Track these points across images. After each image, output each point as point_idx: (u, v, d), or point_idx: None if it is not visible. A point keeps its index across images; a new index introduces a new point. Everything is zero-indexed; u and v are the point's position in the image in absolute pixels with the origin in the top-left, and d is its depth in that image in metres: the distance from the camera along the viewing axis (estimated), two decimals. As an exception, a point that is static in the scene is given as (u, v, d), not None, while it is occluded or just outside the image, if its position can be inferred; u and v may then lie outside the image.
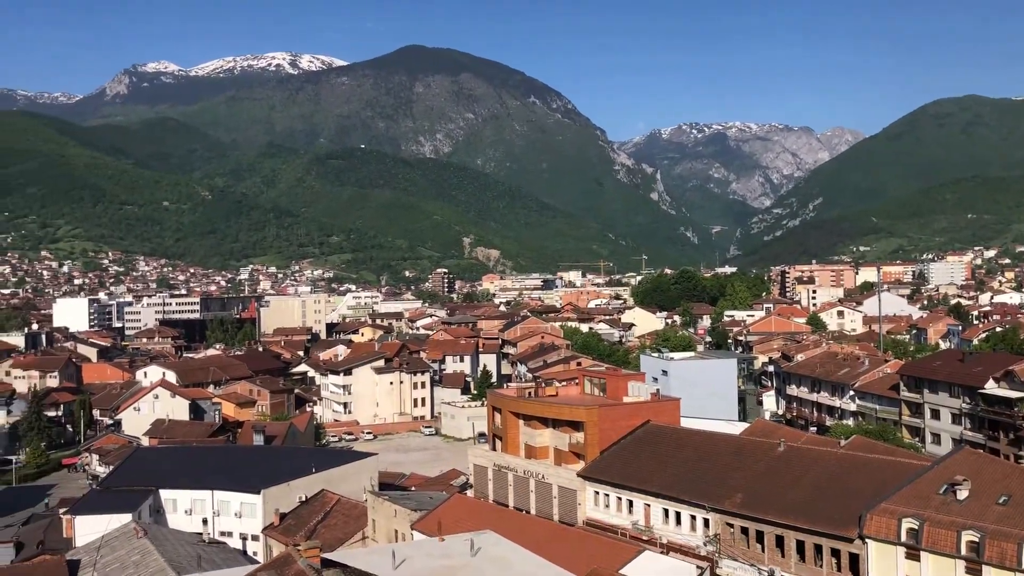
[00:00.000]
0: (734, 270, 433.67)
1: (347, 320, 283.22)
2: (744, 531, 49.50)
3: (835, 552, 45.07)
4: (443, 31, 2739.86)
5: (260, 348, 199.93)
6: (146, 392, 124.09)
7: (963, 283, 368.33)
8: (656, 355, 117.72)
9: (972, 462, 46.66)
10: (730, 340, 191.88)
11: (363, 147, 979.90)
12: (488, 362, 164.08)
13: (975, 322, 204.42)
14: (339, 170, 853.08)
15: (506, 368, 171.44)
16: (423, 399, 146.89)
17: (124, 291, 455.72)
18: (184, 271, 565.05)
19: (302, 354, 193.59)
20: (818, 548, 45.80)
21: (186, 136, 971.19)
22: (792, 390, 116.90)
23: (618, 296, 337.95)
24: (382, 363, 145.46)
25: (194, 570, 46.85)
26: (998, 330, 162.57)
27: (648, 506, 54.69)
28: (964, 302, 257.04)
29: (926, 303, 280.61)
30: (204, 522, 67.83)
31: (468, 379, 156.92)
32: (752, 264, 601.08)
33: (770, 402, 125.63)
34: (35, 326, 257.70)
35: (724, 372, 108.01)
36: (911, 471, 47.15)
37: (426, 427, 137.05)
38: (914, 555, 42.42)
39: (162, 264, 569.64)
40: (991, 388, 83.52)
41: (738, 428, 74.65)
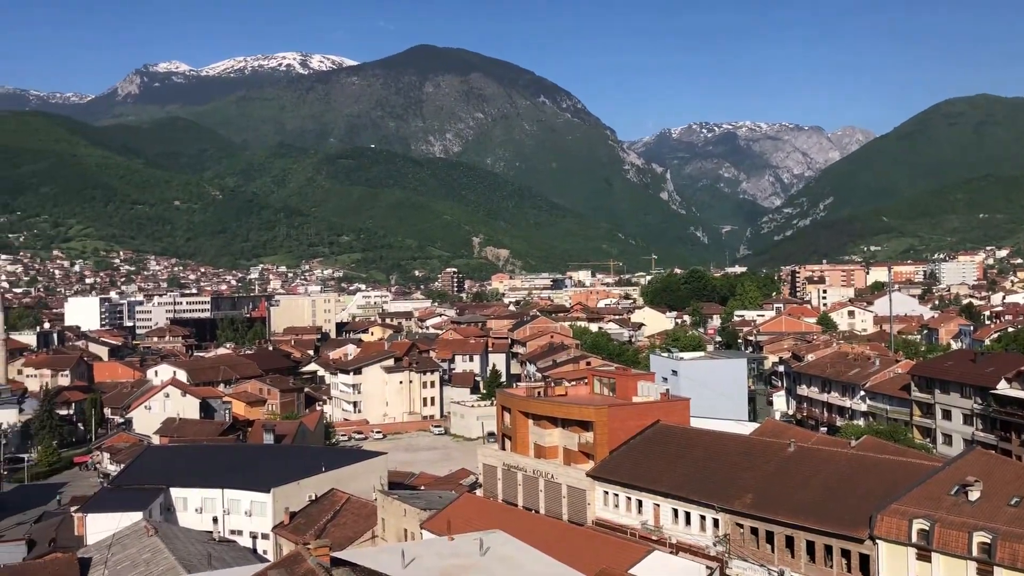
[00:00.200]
0: (744, 270, 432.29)
1: (357, 319, 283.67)
2: (754, 531, 49.37)
3: (845, 553, 44.91)
4: (453, 31, 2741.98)
5: (270, 347, 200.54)
6: (157, 391, 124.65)
7: (975, 283, 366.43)
8: (666, 355, 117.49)
9: (984, 463, 46.41)
10: (740, 340, 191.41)
11: (373, 147, 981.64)
12: (497, 361, 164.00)
13: (987, 322, 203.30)
14: (349, 170, 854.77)
15: (515, 368, 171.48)
16: (432, 398, 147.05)
17: (135, 290, 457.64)
18: (195, 270, 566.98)
19: (312, 353, 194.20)
20: (828, 549, 45.64)
21: (197, 136, 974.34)
22: (802, 390, 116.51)
23: (628, 296, 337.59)
24: (392, 362, 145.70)
25: (204, 568, 46.98)
26: (1010, 330, 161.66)
27: (658, 506, 54.60)
28: (976, 302, 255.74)
29: (937, 303, 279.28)
30: (214, 520, 68.08)
31: (477, 378, 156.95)
32: (762, 264, 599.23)
33: (780, 402, 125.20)
34: (47, 325, 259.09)
35: (734, 372, 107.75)
36: (922, 472, 46.93)
37: (435, 426, 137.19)
38: (925, 556, 42.22)
39: (173, 263, 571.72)
40: (1003, 389, 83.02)
41: (748, 428, 74.42)
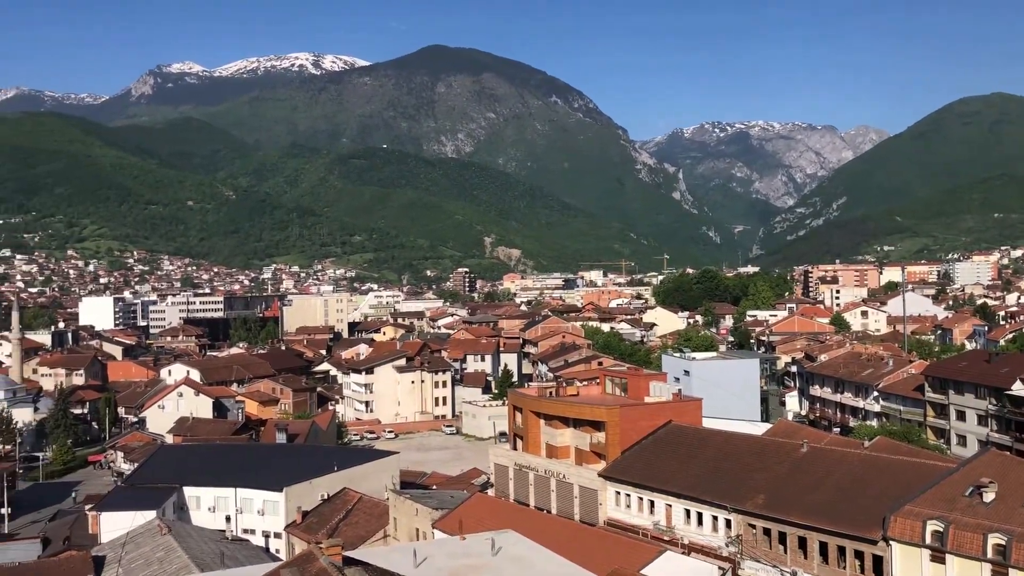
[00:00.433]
0: (757, 270, 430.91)
1: (369, 319, 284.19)
2: (766, 532, 49.22)
3: (858, 554, 44.71)
4: (465, 31, 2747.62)
5: (283, 347, 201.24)
6: (170, 390, 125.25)
7: (989, 283, 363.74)
8: (678, 355, 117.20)
9: (998, 464, 46.10)
10: (752, 340, 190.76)
11: (385, 147, 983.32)
12: (509, 361, 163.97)
13: (1002, 322, 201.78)
14: (361, 170, 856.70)
15: (527, 367, 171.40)
16: (444, 398, 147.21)
17: (149, 290, 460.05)
18: (208, 270, 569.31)
19: (324, 353, 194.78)
20: (841, 550, 45.45)
21: (210, 136, 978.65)
22: (815, 390, 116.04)
23: (639, 296, 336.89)
24: (403, 362, 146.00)
25: (217, 567, 47.17)
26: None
27: (670, 506, 54.49)
28: (990, 302, 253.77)
29: (951, 303, 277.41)
30: (227, 519, 68.36)
31: (489, 378, 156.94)
32: (775, 264, 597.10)
33: (793, 403, 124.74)
34: (61, 324, 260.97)
35: (746, 372, 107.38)
36: (936, 473, 46.68)
37: (447, 426, 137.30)
38: (939, 558, 41.98)
39: (186, 263, 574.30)
40: (1018, 389, 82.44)
41: (760, 429, 74.19)
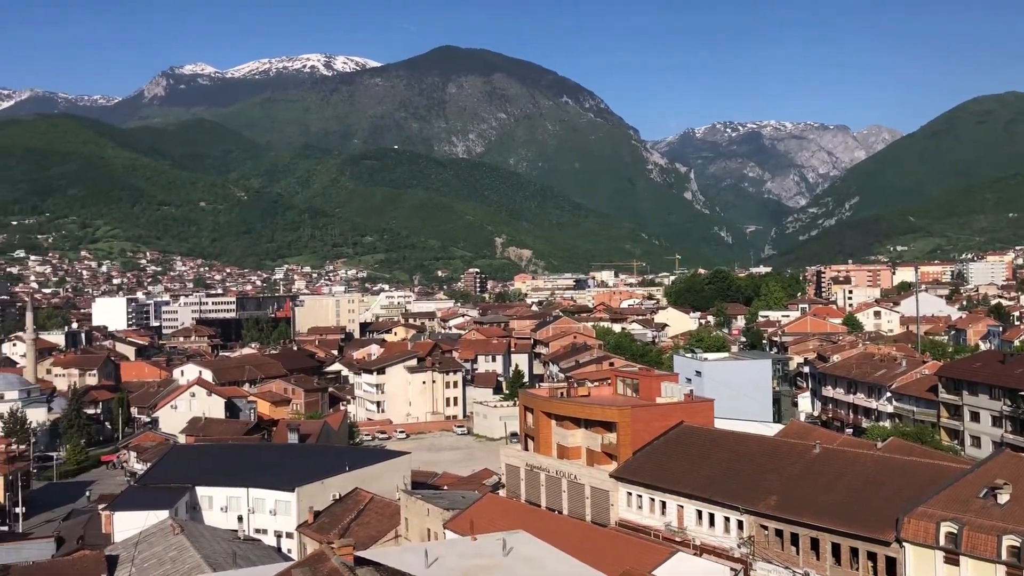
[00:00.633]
0: (769, 270, 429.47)
1: (380, 320, 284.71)
2: (779, 533, 49.03)
3: (871, 556, 44.49)
4: (476, 32, 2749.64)
5: (295, 347, 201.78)
6: (183, 390, 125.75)
7: (1004, 283, 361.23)
8: (690, 356, 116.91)
9: (1013, 465, 45.77)
10: (765, 341, 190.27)
11: (396, 148, 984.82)
12: (520, 362, 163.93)
13: (1016, 323, 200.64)
14: (373, 171, 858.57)
15: (538, 368, 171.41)
16: (455, 398, 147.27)
17: (161, 290, 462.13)
18: (220, 271, 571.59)
19: (336, 353, 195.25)
20: (854, 551, 45.23)
21: (222, 137, 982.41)
22: (828, 391, 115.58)
23: (651, 296, 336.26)
24: (415, 362, 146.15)
25: (229, 567, 47.31)
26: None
27: (681, 507, 54.36)
28: (1005, 302, 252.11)
29: (965, 303, 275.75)
30: (239, 519, 68.59)
31: (500, 379, 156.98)
32: (787, 264, 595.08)
33: (805, 403, 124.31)
34: (75, 325, 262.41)
35: (759, 373, 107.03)
36: (950, 474, 46.40)
37: (458, 426, 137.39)
38: (953, 560, 41.72)
39: (199, 264, 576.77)
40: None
41: (773, 429, 73.90)
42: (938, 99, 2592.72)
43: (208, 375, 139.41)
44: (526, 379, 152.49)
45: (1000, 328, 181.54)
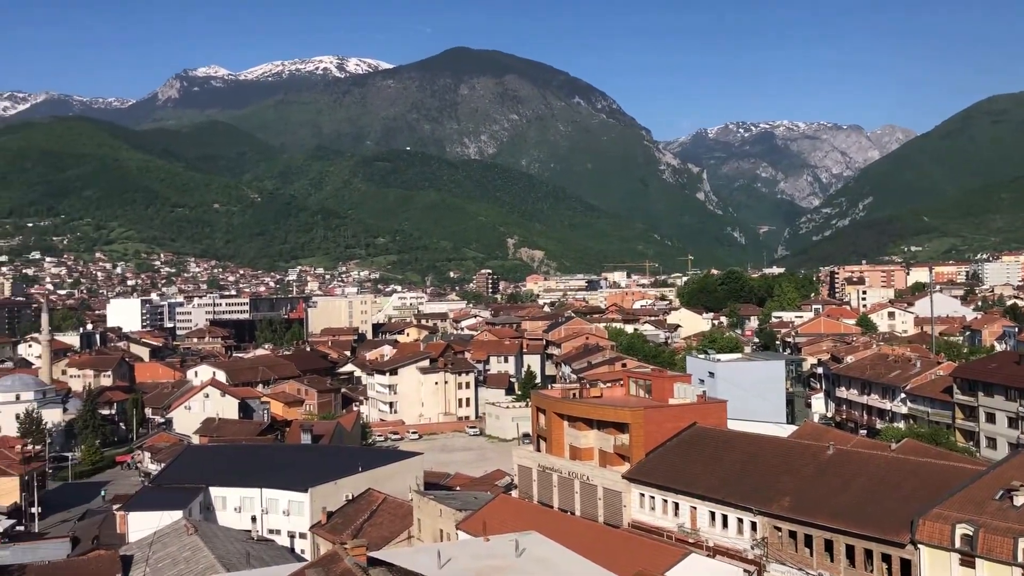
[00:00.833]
0: (782, 270, 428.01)
1: (393, 320, 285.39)
2: (792, 535, 48.82)
3: (886, 557, 44.22)
4: (488, 33, 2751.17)
5: (308, 348, 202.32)
6: (197, 391, 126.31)
7: (1019, 283, 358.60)
8: (702, 356, 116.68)
9: (1029, 467, 45.43)
10: (778, 341, 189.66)
11: (408, 149, 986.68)
12: (532, 363, 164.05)
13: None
14: (385, 172, 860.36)
15: (550, 369, 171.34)
16: (467, 399, 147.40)
17: (175, 292, 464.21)
18: (234, 272, 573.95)
19: (349, 354, 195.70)
20: (868, 553, 44.97)
21: (236, 139, 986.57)
22: (841, 392, 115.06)
23: (664, 297, 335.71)
24: (427, 363, 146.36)
25: (243, 567, 47.49)
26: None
27: (694, 509, 54.22)
28: (1021, 303, 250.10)
29: (980, 304, 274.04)
30: (253, 520, 68.81)
31: (512, 380, 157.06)
32: (800, 264, 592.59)
33: (819, 404, 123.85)
34: (90, 326, 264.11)
35: (772, 374, 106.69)
36: (965, 476, 46.08)
37: (471, 427, 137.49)
38: (969, 562, 41.43)
39: (212, 265, 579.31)
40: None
41: (786, 431, 73.60)
42: (953, 98, 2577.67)
43: (222, 376, 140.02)
44: (538, 380, 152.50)
45: (1016, 329, 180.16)
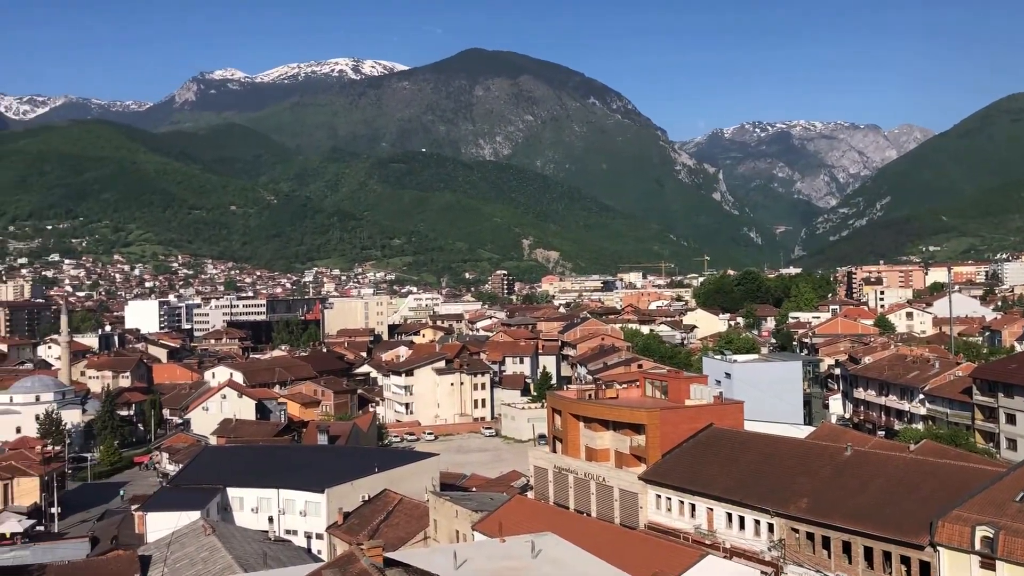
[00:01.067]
0: (799, 271, 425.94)
1: (408, 321, 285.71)
2: (810, 536, 48.56)
3: (905, 560, 43.90)
4: (502, 34, 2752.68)
5: (324, 349, 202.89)
6: (214, 392, 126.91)
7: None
8: (719, 357, 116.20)
9: (1050, 469, 45.02)
10: (795, 342, 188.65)
11: (424, 151, 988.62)
12: (548, 364, 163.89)
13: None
14: (400, 174, 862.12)
15: (566, 370, 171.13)
16: (483, 400, 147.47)
17: (193, 293, 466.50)
18: (251, 274, 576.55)
19: (365, 355, 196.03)
20: (887, 555, 44.67)
21: (252, 141, 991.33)
22: (859, 393, 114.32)
23: (680, 298, 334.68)
24: (443, 364, 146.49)
25: (260, 567, 47.65)
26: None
27: (711, 510, 54.04)
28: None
29: (1000, 304, 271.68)
30: (270, 520, 69.04)
31: (528, 381, 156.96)
32: (817, 265, 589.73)
33: (836, 405, 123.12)
34: (108, 328, 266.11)
35: (789, 374, 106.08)
36: (985, 477, 45.68)
37: (486, 428, 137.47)
38: (989, 564, 41.07)
39: (229, 267, 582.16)
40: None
41: (803, 432, 73.19)
42: (971, 97, 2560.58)
43: (239, 377, 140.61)
44: (554, 381, 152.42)
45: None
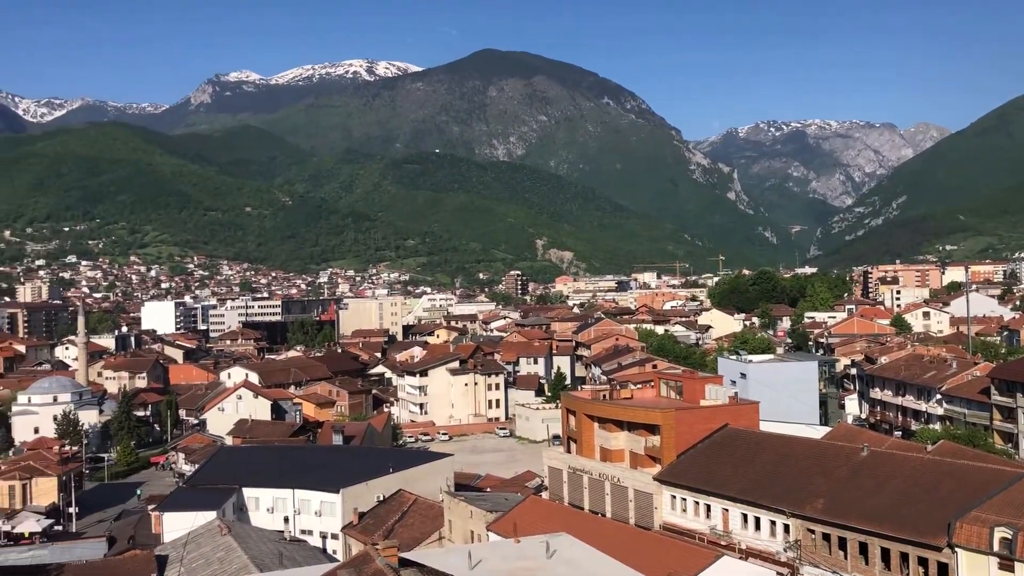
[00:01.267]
0: (814, 270, 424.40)
1: (423, 322, 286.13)
2: (826, 537, 48.31)
3: (922, 561, 43.61)
4: (516, 34, 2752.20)
5: (339, 350, 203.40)
6: (230, 393, 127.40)
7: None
8: (734, 357, 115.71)
9: (1070, 469, 44.64)
10: (811, 342, 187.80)
11: (437, 151, 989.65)
12: (562, 364, 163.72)
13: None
14: (414, 174, 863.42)
15: (580, 370, 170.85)
16: (497, 400, 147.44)
17: (209, 294, 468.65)
18: (266, 275, 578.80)
19: (379, 355, 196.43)
20: (904, 556, 44.37)
21: (267, 143, 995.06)
22: (875, 393, 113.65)
23: (694, 298, 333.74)
24: (457, 364, 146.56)
25: (276, 567, 47.73)
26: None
27: (726, 511, 53.83)
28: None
29: (1018, 303, 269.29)
30: (285, 520, 69.29)
31: (542, 381, 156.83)
32: (833, 264, 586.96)
33: (852, 406, 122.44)
34: (125, 329, 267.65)
35: (805, 375, 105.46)
36: (1004, 478, 45.32)
37: (500, 429, 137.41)
38: (1008, 566, 40.74)
39: (245, 268, 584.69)
40: (1090, 392, 79.78)
41: (819, 432, 72.83)
42: (988, 96, 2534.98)
43: (254, 378, 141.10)
44: (568, 381, 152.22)
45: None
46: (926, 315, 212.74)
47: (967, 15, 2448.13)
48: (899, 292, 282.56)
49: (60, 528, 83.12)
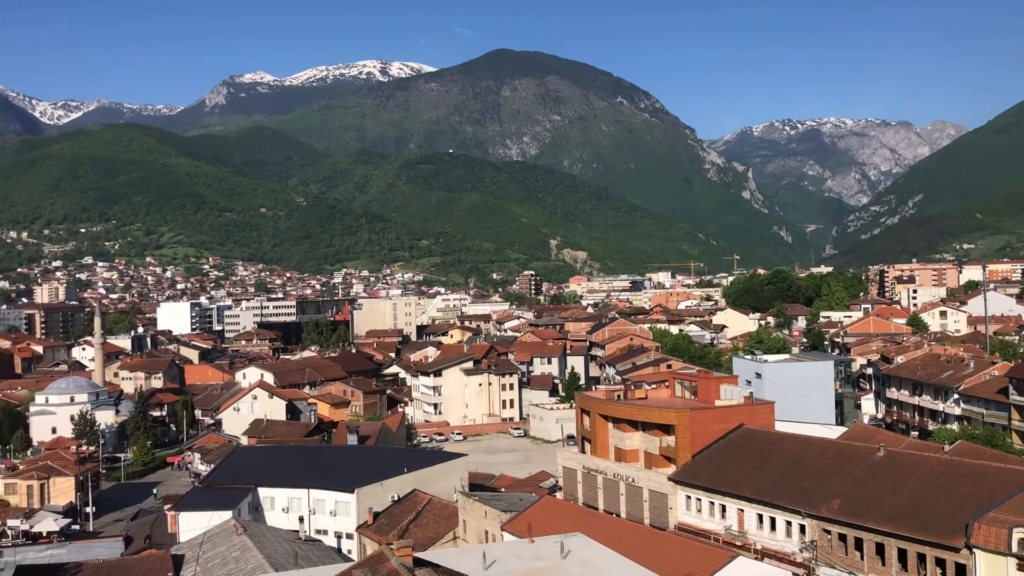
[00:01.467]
0: (830, 270, 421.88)
1: (436, 322, 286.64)
2: (842, 538, 48.03)
3: (940, 562, 43.27)
4: (530, 34, 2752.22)
5: (353, 350, 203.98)
6: (245, 393, 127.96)
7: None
8: (749, 357, 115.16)
9: (1089, 470, 44.19)
10: (826, 342, 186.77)
11: (451, 152, 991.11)
12: (576, 364, 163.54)
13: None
14: (428, 175, 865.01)
15: (594, 370, 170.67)
16: (511, 401, 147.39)
17: (224, 295, 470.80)
18: (281, 275, 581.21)
19: (394, 356, 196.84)
20: (921, 557, 44.05)
21: (282, 144, 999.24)
22: (892, 393, 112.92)
23: (709, 297, 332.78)
24: (471, 364, 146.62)
25: (291, 567, 47.86)
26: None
27: (742, 511, 53.62)
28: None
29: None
30: (300, 520, 69.51)
31: (556, 381, 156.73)
32: (849, 263, 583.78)
33: (869, 406, 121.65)
34: (141, 329, 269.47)
35: (820, 374, 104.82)
36: (1022, 479, 44.95)
37: (515, 429, 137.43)
38: (1026, 567, 40.42)
39: (260, 269, 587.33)
40: (1110, 392, 78.99)
41: (835, 432, 72.44)
42: (1005, 93, 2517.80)
43: (269, 378, 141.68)
44: (582, 381, 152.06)
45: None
46: (943, 314, 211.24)
47: (985, 12, 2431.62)
48: (916, 291, 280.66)
49: (77, 527, 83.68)
